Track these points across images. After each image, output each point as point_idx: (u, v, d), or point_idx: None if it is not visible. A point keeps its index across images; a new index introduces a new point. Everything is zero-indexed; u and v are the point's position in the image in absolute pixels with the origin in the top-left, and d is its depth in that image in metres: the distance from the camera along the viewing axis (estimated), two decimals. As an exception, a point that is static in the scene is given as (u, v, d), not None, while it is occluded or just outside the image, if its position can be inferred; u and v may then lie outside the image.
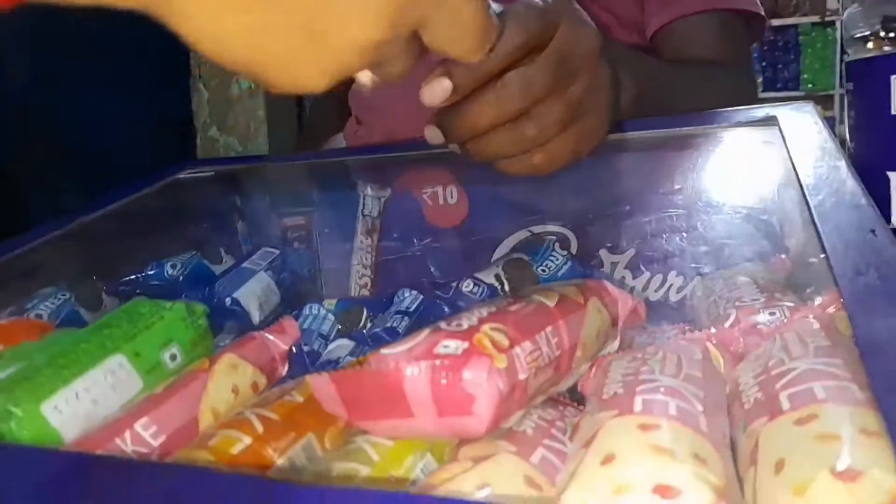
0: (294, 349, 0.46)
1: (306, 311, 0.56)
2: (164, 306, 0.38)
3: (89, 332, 0.35)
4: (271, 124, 1.71)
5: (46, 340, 0.38)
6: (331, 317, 0.56)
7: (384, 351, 0.29)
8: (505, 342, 0.29)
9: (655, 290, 0.56)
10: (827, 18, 3.29)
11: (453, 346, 0.28)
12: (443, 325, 0.30)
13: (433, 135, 0.37)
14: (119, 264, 0.58)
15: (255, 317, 0.56)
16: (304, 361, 0.48)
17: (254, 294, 0.58)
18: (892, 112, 0.36)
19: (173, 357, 0.37)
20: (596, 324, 0.37)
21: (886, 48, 0.37)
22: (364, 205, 0.67)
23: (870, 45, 0.38)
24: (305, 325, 0.54)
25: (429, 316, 0.51)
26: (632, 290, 0.55)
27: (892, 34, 0.36)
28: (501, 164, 0.39)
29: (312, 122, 0.98)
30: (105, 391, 0.33)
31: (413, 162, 0.67)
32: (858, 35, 0.39)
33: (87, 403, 0.32)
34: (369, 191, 0.67)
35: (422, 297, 0.55)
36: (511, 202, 0.62)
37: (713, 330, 0.35)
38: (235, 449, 0.28)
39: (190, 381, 0.34)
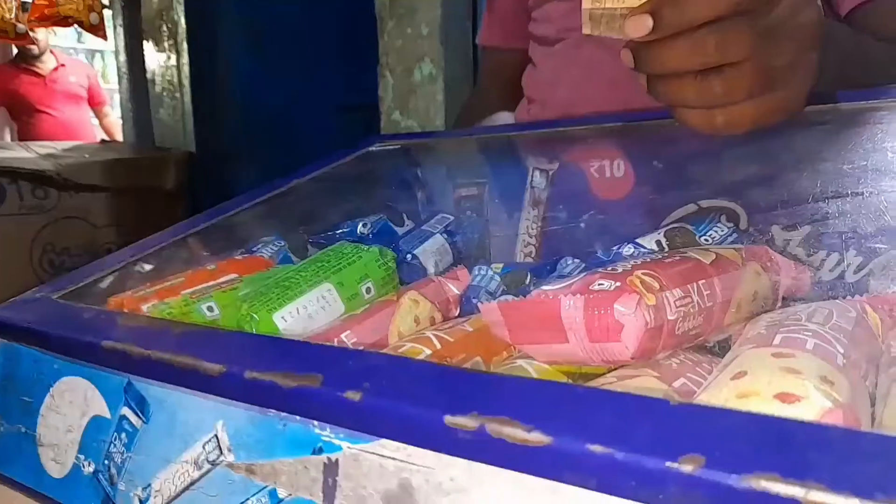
0: (463, 300, 0.52)
1: (475, 271, 0.61)
2: (363, 248, 0.45)
3: (306, 264, 0.44)
4: (449, 109, 1.81)
5: (273, 271, 0.47)
6: (497, 278, 0.62)
7: (545, 287, 0.33)
8: (656, 286, 0.32)
9: (831, 270, 0.54)
10: None
11: (607, 283, 0.31)
12: (600, 269, 0.34)
13: (625, 55, 0.38)
14: (320, 221, 0.68)
15: (431, 272, 0.63)
16: (472, 310, 0.54)
17: (430, 252, 0.65)
18: None
19: (368, 290, 0.44)
20: (753, 285, 0.39)
21: None
22: (532, 177, 0.71)
23: None
24: (474, 283, 0.60)
25: (589, 278, 0.54)
26: (806, 268, 0.54)
27: None
28: (681, 113, 0.39)
29: (471, 105, 1.03)
30: (317, 310, 0.41)
31: (580, 137, 0.71)
32: None
33: (304, 317, 0.40)
34: (538, 164, 0.71)
35: (584, 264, 0.59)
36: (679, 176, 0.63)
37: (875, 294, 0.35)
38: (418, 357, 0.34)
39: (382, 309, 0.41)
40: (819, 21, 0.39)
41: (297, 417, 0.28)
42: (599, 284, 0.31)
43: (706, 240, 0.53)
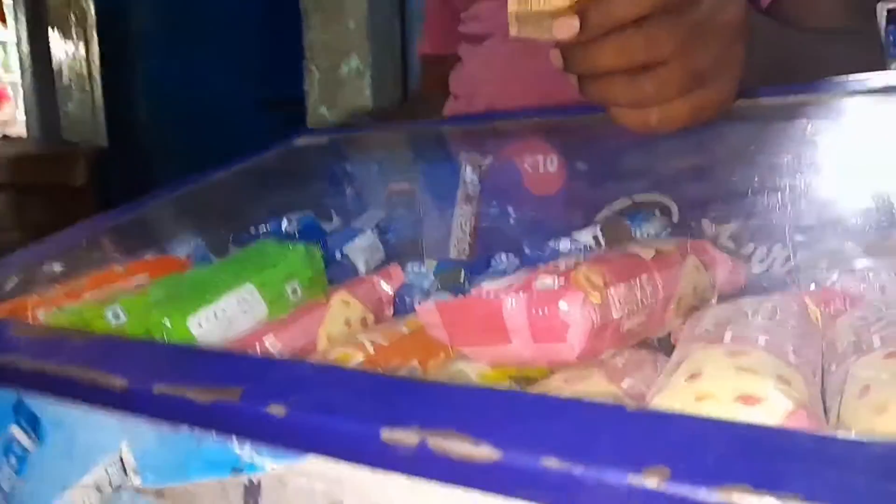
0: (397, 299, 0.49)
1: (409, 268, 0.59)
2: (288, 247, 0.42)
3: (225, 264, 0.40)
4: (376, 104, 1.77)
5: (189, 272, 0.43)
6: (431, 275, 0.59)
7: (485, 285, 0.31)
8: (600, 282, 0.30)
9: (760, 262, 0.55)
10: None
11: (550, 281, 0.30)
12: (541, 266, 0.33)
13: (554, 56, 0.38)
14: (242, 218, 0.64)
15: (362, 271, 0.60)
16: (406, 310, 0.51)
17: (361, 250, 0.62)
18: None
19: (294, 291, 0.41)
20: (692, 280, 0.38)
21: None
22: (465, 172, 0.69)
23: None
24: (408, 281, 0.58)
25: (525, 275, 0.53)
26: (734, 260, 0.54)
27: None
28: (615, 112, 0.39)
29: (406, 108, 1.04)
30: (237, 313, 0.37)
31: (512, 131, 0.69)
32: None
33: (223, 322, 0.36)
34: (469, 159, 0.69)
35: (518, 261, 0.57)
36: (611, 170, 0.62)
37: (812, 288, 0.35)
38: (350, 364, 0.32)
39: (310, 311, 0.38)
40: (743, 15, 0.40)
41: (214, 435, 0.25)
42: (542, 283, 0.30)
43: (642, 234, 0.53)
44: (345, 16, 1.78)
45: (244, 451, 0.25)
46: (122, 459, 0.28)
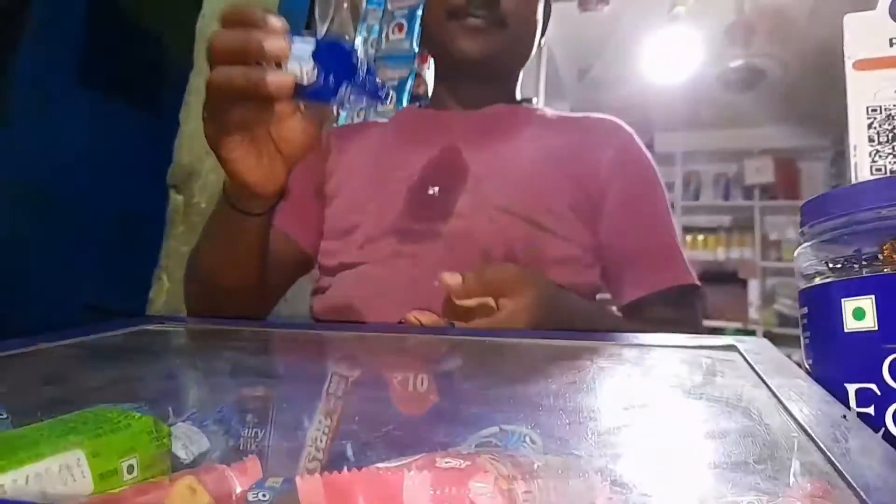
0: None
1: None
2: (133, 415, 0.36)
3: (52, 422, 0.33)
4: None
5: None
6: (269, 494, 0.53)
7: (380, 465, 0.28)
8: (506, 472, 0.28)
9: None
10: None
11: (455, 462, 0.27)
12: (438, 452, 0.30)
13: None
14: (66, 398, 0.55)
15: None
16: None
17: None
18: (845, 330, 0.40)
19: (130, 468, 0.34)
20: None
21: (832, 278, 0.43)
22: (329, 383, 0.66)
23: (817, 279, 0.44)
24: (249, 499, 0.50)
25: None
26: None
27: (837, 266, 0.42)
28: None
29: None
30: (55, 483, 0.30)
31: (382, 348, 0.68)
32: (809, 272, 0.45)
33: (34, 490, 0.29)
34: (337, 370, 0.66)
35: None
36: (483, 401, 0.62)
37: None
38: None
39: (146, 493, 0.31)
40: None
41: None
42: (447, 462, 0.27)
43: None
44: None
45: None
46: None
